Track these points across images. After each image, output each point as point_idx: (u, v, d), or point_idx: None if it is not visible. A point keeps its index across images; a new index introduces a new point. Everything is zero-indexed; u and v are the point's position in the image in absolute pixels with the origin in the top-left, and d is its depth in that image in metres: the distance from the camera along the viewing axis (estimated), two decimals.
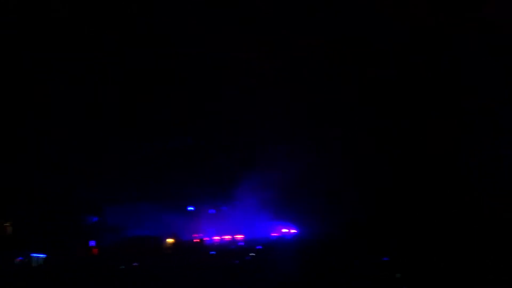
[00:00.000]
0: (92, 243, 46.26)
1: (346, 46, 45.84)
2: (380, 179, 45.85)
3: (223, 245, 48.06)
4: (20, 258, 45.04)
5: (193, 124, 47.36)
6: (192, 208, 48.75)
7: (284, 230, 48.59)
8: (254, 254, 46.71)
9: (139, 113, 46.77)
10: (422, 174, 45.39)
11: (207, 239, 48.31)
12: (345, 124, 46.26)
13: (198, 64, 46.36)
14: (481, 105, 44.60)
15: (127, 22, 45.65)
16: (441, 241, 43.38)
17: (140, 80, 46.41)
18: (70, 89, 45.67)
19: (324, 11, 45.78)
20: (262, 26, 45.82)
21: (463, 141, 44.79)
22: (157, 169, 47.43)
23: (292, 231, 48.48)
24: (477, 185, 44.35)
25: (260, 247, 47.26)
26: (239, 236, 48.32)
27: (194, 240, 48.18)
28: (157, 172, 47.37)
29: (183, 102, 46.73)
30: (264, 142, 47.20)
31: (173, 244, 47.12)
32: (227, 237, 48.40)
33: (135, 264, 45.05)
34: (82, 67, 45.34)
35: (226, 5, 45.60)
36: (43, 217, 45.58)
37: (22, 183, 45.36)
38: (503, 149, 44.35)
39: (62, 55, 44.89)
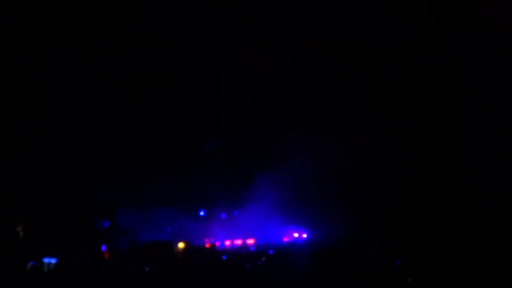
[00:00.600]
0: (104, 247, 46.44)
1: (346, 46, 45.85)
2: (381, 179, 45.87)
3: (234, 250, 48.14)
4: (31, 262, 45.13)
5: (193, 124, 47.38)
6: (203, 213, 48.86)
7: (295, 235, 48.62)
8: (265, 259, 46.78)
9: (139, 113, 46.83)
10: (422, 174, 45.37)
11: (218, 243, 48.43)
12: (345, 124, 46.27)
13: (198, 64, 46.39)
14: (481, 105, 44.57)
15: (127, 22, 45.69)
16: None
17: (140, 80, 46.44)
18: (70, 89, 45.72)
19: (324, 11, 45.80)
20: (262, 26, 45.85)
21: (463, 141, 44.75)
22: (168, 174, 47.36)
23: (304, 236, 48.49)
24: (477, 185, 44.31)
25: (272, 252, 47.34)
26: (250, 241, 48.43)
27: (206, 245, 48.35)
28: (167, 177, 47.29)
29: (183, 102, 46.75)
30: (264, 142, 47.23)
31: (184, 248, 47.17)
32: (238, 241, 48.52)
33: (146, 268, 45.11)
34: (82, 67, 45.38)
35: (226, 5, 45.64)
36: (54, 221, 45.56)
37: (33, 187, 45.40)
38: (503, 149, 44.32)
39: (62, 55, 44.93)
